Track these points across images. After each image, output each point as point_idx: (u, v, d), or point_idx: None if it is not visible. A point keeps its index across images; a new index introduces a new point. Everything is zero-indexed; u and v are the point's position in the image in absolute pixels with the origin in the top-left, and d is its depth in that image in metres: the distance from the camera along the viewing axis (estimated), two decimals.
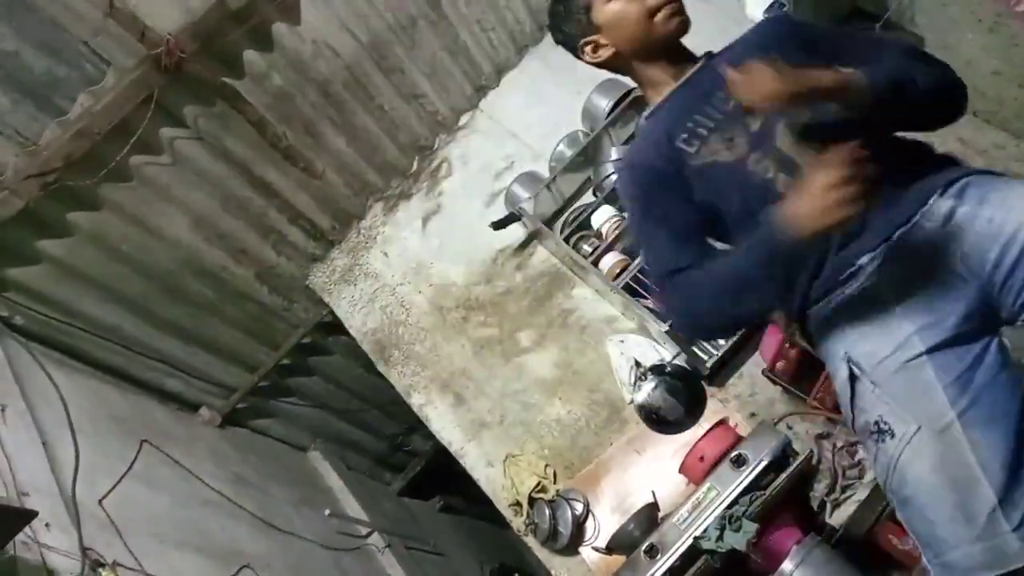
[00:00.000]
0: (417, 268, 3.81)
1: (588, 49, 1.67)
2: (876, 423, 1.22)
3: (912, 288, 1.27)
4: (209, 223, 3.45)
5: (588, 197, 3.48)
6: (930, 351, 1.23)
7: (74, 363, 3.16)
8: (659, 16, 1.55)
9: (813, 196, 1.20)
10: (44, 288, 3.04)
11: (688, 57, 1.66)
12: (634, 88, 3.29)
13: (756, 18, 3.02)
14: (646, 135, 1.64)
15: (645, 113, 1.69)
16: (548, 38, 4.06)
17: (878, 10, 2.72)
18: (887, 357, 1.26)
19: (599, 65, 1.71)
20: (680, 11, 1.58)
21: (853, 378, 1.28)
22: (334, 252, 4.02)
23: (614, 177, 3.21)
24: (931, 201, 1.31)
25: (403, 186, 4.04)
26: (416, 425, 4.00)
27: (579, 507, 2.88)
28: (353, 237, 4.01)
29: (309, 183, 3.70)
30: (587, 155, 3.40)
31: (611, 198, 3.21)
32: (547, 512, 2.86)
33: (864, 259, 1.32)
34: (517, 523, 3.05)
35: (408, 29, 3.61)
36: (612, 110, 3.33)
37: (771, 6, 2.95)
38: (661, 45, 1.60)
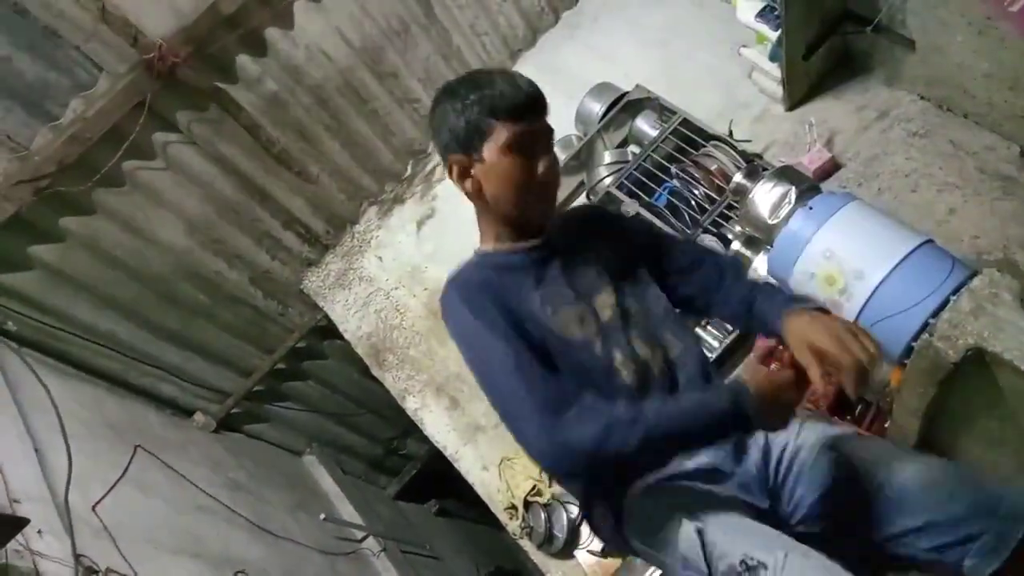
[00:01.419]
0: (412, 272, 3.81)
1: (456, 169, 1.43)
2: (743, 562, 1.21)
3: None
4: (203, 228, 3.44)
5: (582, 200, 3.48)
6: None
7: (67, 369, 3.15)
8: (534, 196, 1.44)
9: (780, 385, 1.30)
10: (37, 294, 3.03)
11: (539, 225, 1.51)
12: (627, 92, 3.30)
13: (747, 22, 3.03)
14: (492, 265, 1.49)
15: (485, 248, 1.52)
16: (541, 42, 4.12)
17: (869, 13, 2.74)
18: (728, 511, 1.33)
19: (457, 184, 1.48)
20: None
21: (700, 532, 1.28)
22: (328, 256, 4.01)
23: (608, 180, 3.22)
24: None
25: (397, 190, 4.04)
26: (411, 429, 4.00)
27: (574, 510, 2.88)
28: (347, 241, 4.01)
29: (303, 187, 3.70)
30: (580, 159, 3.41)
31: (605, 201, 3.21)
32: (542, 515, 2.87)
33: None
34: (512, 526, 3.05)
35: (401, 34, 3.62)
36: (605, 114, 3.34)
37: (763, 10, 2.96)
38: (524, 219, 1.48)
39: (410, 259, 3.85)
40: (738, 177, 2.74)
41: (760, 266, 2.61)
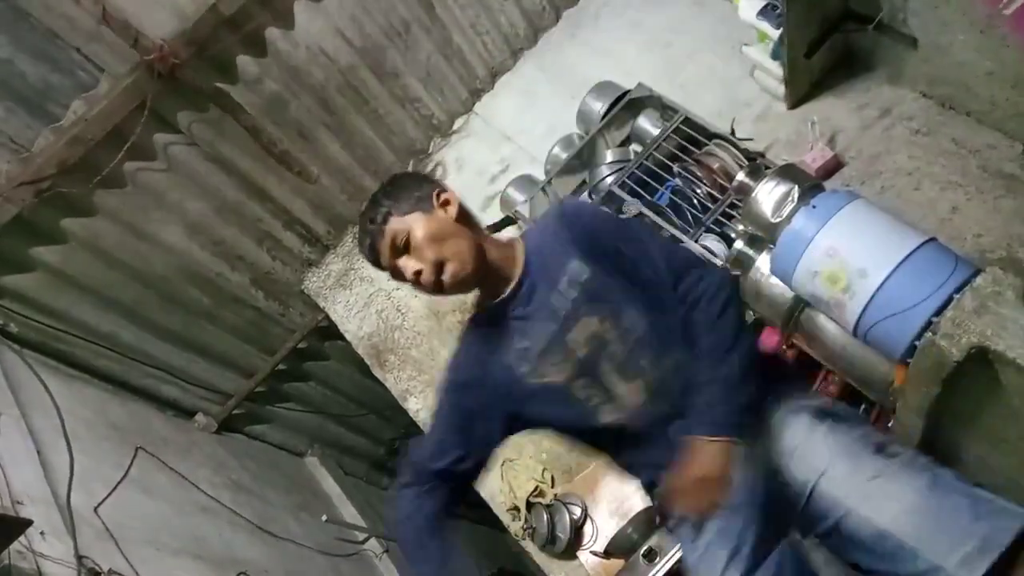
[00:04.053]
0: None
1: None
2: None
3: None
4: (204, 229, 3.44)
5: (584, 199, 3.48)
6: None
7: (69, 370, 3.15)
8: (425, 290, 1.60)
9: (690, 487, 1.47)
10: (38, 295, 3.04)
11: (503, 277, 1.59)
12: (628, 91, 3.30)
13: (749, 20, 3.02)
14: (470, 348, 1.67)
15: (470, 316, 1.69)
16: (543, 41, 4.11)
17: (871, 11, 2.73)
18: None
19: None
20: (433, 275, 1.56)
21: None
22: (329, 257, 4.01)
23: (610, 179, 3.21)
24: None
25: None
26: (413, 430, 3.99)
27: (577, 511, 2.87)
28: (348, 241, 4.00)
29: (304, 188, 3.69)
30: (582, 158, 3.40)
31: (606, 201, 3.21)
32: (545, 516, 2.86)
33: None
34: (515, 527, 3.05)
35: (402, 34, 3.61)
36: (607, 113, 3.33)
37: (765, 8, 2.96)
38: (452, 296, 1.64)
39: None
40: (740, 176, 2.72)
41: (763, 265, 2.60)
